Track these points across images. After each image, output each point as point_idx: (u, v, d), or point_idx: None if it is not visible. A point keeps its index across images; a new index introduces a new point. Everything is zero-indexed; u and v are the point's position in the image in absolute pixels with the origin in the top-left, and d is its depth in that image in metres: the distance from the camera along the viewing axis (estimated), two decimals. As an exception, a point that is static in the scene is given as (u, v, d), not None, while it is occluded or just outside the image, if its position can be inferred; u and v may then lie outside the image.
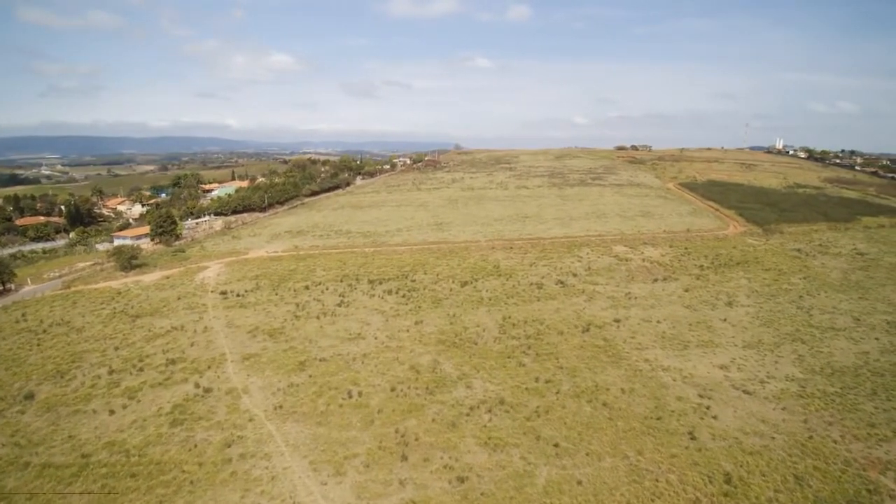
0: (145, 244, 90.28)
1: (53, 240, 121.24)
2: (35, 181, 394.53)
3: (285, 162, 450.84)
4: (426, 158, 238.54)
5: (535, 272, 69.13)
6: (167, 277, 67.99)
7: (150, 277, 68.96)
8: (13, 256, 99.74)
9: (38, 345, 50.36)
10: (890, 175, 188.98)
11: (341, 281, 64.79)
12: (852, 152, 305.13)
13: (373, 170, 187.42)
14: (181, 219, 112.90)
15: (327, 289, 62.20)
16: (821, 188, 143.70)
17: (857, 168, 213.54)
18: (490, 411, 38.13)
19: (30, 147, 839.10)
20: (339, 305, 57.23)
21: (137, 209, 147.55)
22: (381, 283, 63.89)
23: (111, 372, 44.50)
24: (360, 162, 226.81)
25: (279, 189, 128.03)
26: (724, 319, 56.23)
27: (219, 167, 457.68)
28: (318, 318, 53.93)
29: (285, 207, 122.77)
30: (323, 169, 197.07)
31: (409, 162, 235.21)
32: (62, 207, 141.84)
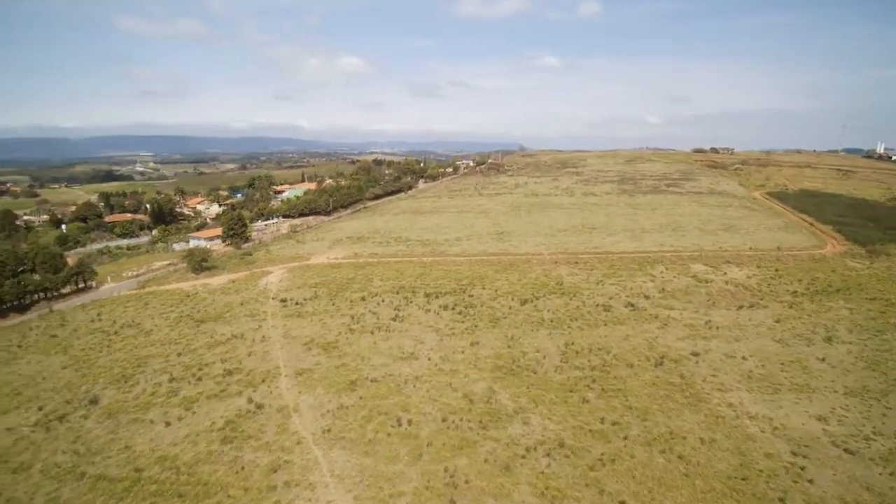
0: (217, 245, 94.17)
1: (138, 236, 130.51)
2: (129, 178, 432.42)
3: (353, 162, 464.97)
4: (489, 161, 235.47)
5: (601, 291, 64.36)
6: (233, 281, 69.86)
7: (217, 280, 71.20)
8: (100, 252, 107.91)
9: (109, 346, 52.80)
10: None
11: (397, 293, 63.45)
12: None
13: (435, 173, 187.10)
14: (252, 220, 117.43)
15: (383, 301, 61.06)
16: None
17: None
18: (548, 455, 34.78)
19: (125, 145, 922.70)
20: (394, 320, 55.79)
21: (215, 209, 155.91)
22: (437, 297, 61.88)
23: (171, 379, 45.50)
24: (423, 165, 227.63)
25: (344, 193, 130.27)
26: (823, 359, 49.04)
27: (292, 167, 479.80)
28: (372, 332, 52.75)
29: (349, 211, 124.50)
30: (387, 172, 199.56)
31: (471, 164, 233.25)
32: (147, 206, 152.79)
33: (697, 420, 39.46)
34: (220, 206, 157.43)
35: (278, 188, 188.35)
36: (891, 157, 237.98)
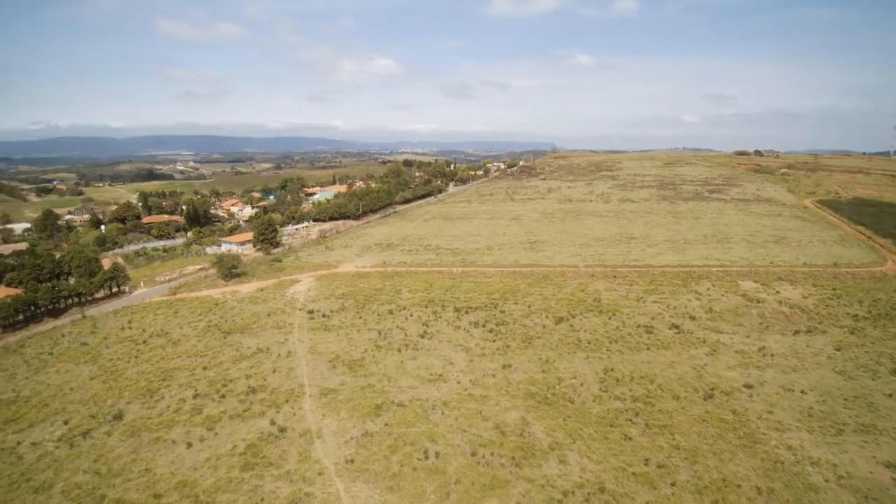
0: (248, 250, 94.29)
1: (173, 238, 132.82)
2: (169, 176, 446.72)
3: (384, 163, 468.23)
4: (520, 164, 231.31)
5: (643, 310, 60.58)
6: (261, 290, 69.19)
7: (246, 288, 70.70)
8: (136, 253, 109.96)
9: (137, 357, 52.51)
10: None
11: (426, 306, 61.32)
12: None
13: (465, 176, 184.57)
14: (283, 224, 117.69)
15: (411, 315, 59.02)
16: None
17: None
18: (587, 501, 31.89)
19: (167, 144, 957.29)
20: (422, 337, 53.65)
21: (248, 211, 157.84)
22: (467, 313, 59.44)
23: (196, 395, 44.58)
24: (454, 168, 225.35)
25: (373, 197, 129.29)
26: (890, 395, 44.29)
27: (325, 167, 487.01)
28: (399, 350, 50.74)
29: (378, 216, 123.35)
30: (417, 174, 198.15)
31: (502, 167, 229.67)
32: (183, 207, 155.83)
33: (753, 465, 35.81)
34: (252, 208, 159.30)
35: (309, 190, 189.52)
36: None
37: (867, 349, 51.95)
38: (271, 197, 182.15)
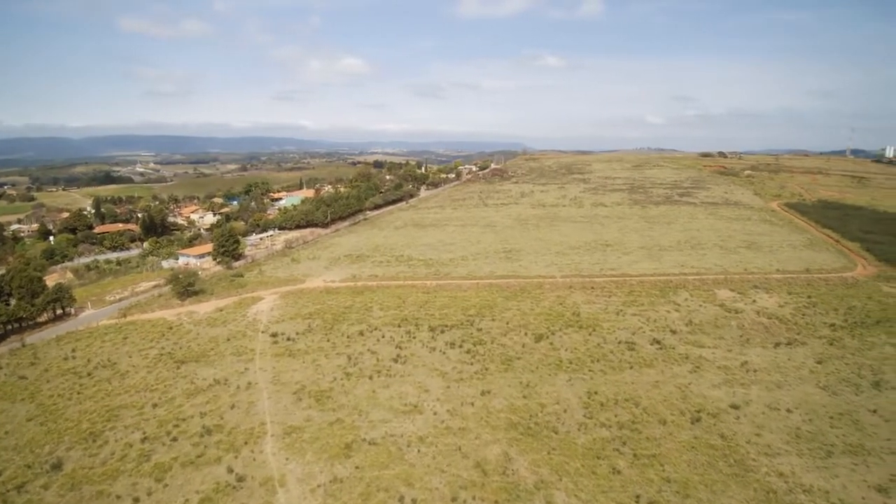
0: (207, 263, 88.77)
1: (128, 249, 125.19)
2: (128, 179, 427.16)
3: (354, 164, 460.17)
4: (492, 166, 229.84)
5: (623, 324, 58.84)
6: (220, 310, 64.41)
7: (204, 308, 65.79)
8: (87, 267, 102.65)
9: (80, 392, 47.38)
10: None
11: (399, 326, 57.97)
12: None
13: (437, 180, 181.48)
14: (246, 233, 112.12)
15: (383, 336, 55.57)
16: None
17: None
18: (579, 552, 29.35)
19: (128, 145, 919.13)
20: (396, 361, 50.30)
21: (209, 218, 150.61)
22: (442, 332, 56.39)
23: (144, 439, 40.07)
24: (425, 170, 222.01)
25: (342, 203, 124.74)
26: (874, 411, 43.57)
27: (292, 168, 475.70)
28: (370, 377, 47.25)
29: (347, 223, 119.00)
30: (388, 177, 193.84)
31: (474, 169, 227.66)
32: (139, 215, 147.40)
33: (746, 496, 34.09)
34: (214, 215, 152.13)
35: (275, 195, 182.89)
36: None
37: (847, 361, 51.46)
38: (234, 203, 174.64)
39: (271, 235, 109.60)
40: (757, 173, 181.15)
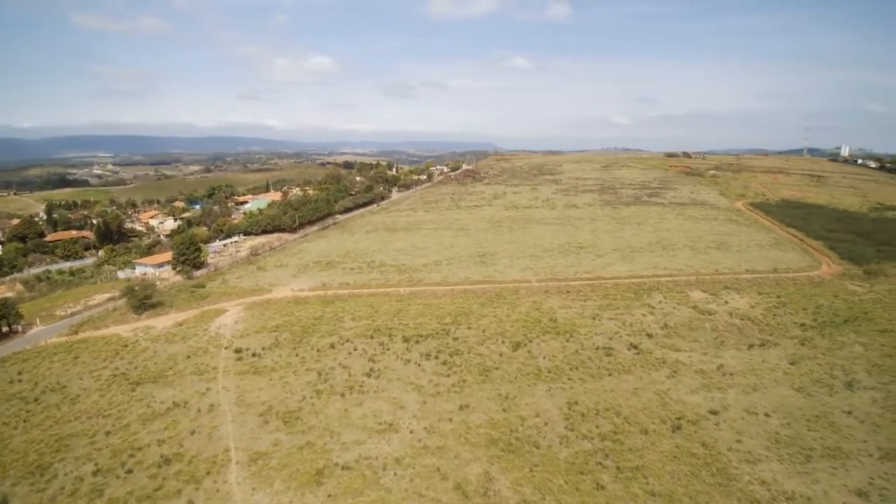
0: (167, 273, 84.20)
1: (82, 258, 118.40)
2: (84, 182, 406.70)
3: (323, 164, 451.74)
4: (464, 167, 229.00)
5: (600, 329, 58.21)
6: (180, 324, 60.68)
7: (162, 322, 61.92)
8: (38, 278, 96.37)
9: (26, 420, 43.41)
10: None
11: (372, 337, 55.71)
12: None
13: (409, 181, 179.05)
14: (209, 240, 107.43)
15: (356, 348, 53.22)
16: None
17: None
18: (566, 579, 27.98)
19: (84, 145, 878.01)
20: (369, 375, 48.09)
21: (170, 224, 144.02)
22: (417, 342, 54.45)
23: (96, 471, 36.73)
24: (396, 172, 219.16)
25: (311, 207, 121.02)
26: (849, 412, 44.02)
27: (259, 169, 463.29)
28: (342, 395, 44.91)
29: (316, 228, 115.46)
30: (358, 179, 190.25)
31: (446, 170, 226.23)
32: (94, 221, 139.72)
33: (732, 508, 33.47)
34: (175, 220, 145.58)
35: (240, 199, 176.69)
36: (856, 161, 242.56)
37: (819, 362, 52.08)
38: (197, 207, 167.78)
39: (236, 241, 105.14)
40: (721, 173, 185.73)
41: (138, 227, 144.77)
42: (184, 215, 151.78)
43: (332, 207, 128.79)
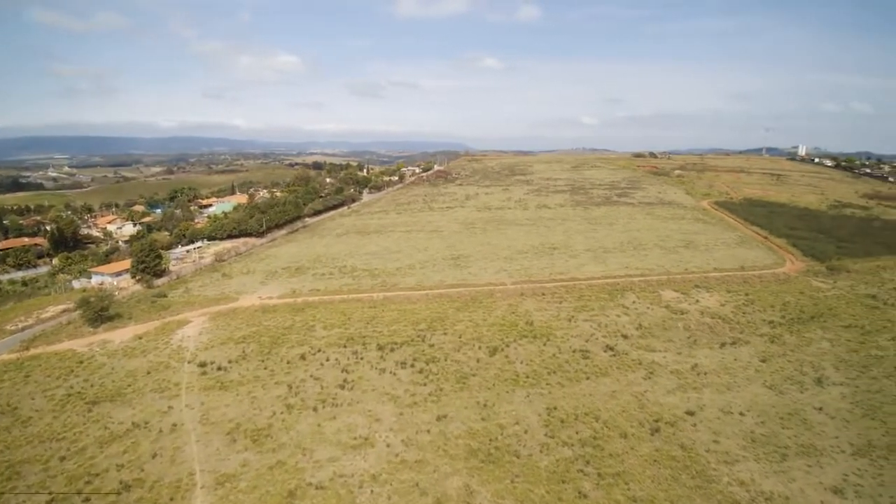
0: (126, 282, 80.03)
1: (36, 266, 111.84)
2: (38, 186, 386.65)
3: (291, 165, 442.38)
4: (435, 168, 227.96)
5: (576, 331, 58.02)
6: (140, 337, 57.44)
7: (120, 336, 58.49)
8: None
9: (-31, 448, 39.94)
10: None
11: (345, 346, 53.95)
12: (869, 156, 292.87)
13: (380, 183, 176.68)
14: (171, 246, 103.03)
15: (328, 359, 51.35)
16: (867, 208, 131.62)
17: (891, 180, 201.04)
18: None
19: (41, 147, 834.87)
20: (342, 387, 46.36)
21: (129, 229, 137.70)
22: (392, 350, 53.00)
23: (51, 501, 34.05)
24: (366, 173, 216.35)
25: (279, 210, 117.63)
26: (820, 409, 44.98)
27: (224, 170, 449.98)
28: (314, 409, 43.06)
29: (285, 231, 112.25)
30: (328, 181, 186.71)
31: (417, 171, 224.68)
32: (48, 227, 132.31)
33: (712, 511, 33.40)
34: (135, 225, 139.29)
35: (204, 202, 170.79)
36: (813, 160, 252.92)
37: (789, 358, 53.16)
38: (158, 210, 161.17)
39: (199, 247, 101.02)
40: (686, 173, 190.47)
41: (95, 233, 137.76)
42: (144, 220, 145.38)
43: (301, 210, 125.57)
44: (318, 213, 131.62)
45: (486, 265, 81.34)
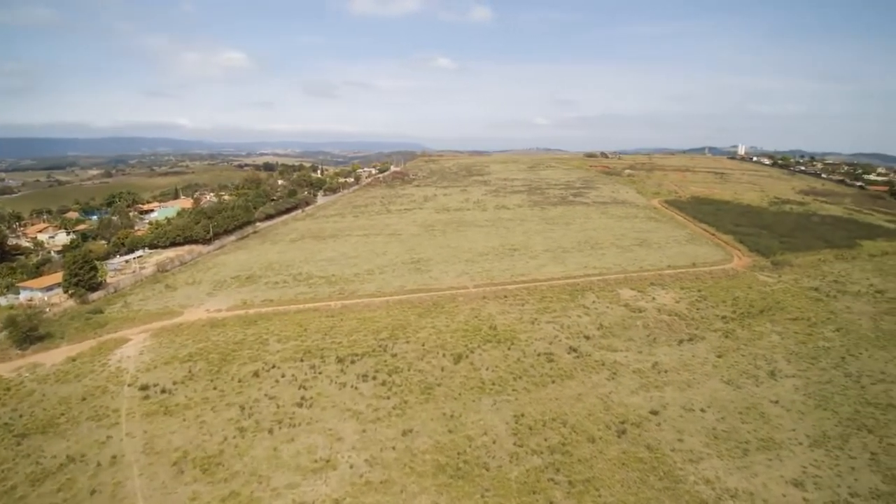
0: (58, 297, 73.39)
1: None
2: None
3: (241, 167, 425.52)
4: (392, 168, 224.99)
5: (539, 333, 57.70)
6: (73, 359, 52.46)
7: (52, 358, 53.25)
8: None
9: None
10: (858, 184, 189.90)
11: (302, 360, 51.22)
12: (802, 154, 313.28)
13: (335, 185, 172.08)
14: (108, 256, 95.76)
15: (283, 375, 48.52)
16: (803, 203, 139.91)
17: (823, 176, 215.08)
18: None
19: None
20: (300, 405, 43.79)
21: (62, 238, 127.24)
22: (353, 362, 50.77)
23: (-41, 557, 29.92)
24: (321, 174, 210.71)
25: (227, 215, 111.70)
26: (776, 401, 46.54)
27: (167, 173, 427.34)
28: (270, 431, 40.33)
29: (234, 237, 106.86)
30: (280, 182, 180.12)
31: (374, 172, 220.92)
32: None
33: (681, 512, 33.45)
34: (68, 233, 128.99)
35: (145, 207, 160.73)
36: (752, 158, 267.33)
37: (743, 353, 54.85)
38: (94, 217, 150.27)
39: (140, 257, 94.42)
40: (636, 172, 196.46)
41: (25, 243, 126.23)
42: (79, 228, 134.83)
43: (251, 215, 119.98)
44: (270, 217, 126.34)
45: (448, 268, 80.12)
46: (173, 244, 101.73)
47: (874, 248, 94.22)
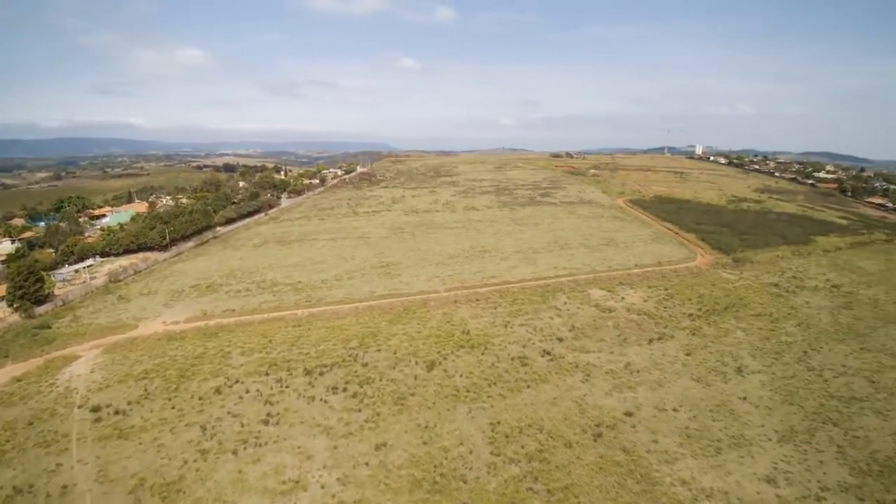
0: (0, 312, 68.20)
1: None
2: None
3: (200, 168, 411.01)
4: (359, 169, 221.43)
5: (513, 337, 57.16)
6: (18, 380, 48.47)
7: (-10, 379, 49.11)
8: None
9: None
10: (809, 182, 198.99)
11: (267, 373, 48.92)
12: (755, 153, 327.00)
13: (300, 187, 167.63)
14: (56, 265, 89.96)
15: (248, 390, 46.16)
16: (760, 201, 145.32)
17: (776, 174, 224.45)
18: None
19: None
20: (266, 423, 41.65)
21: (6, 247, 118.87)
22: (321, 374, 48.84)
23: None
24: (285, 176, 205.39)
25: (186, 219, 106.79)
26: (745, 398, 47.44)
27: (121, 175, 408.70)
28: (234, 452, 38.10)
29: (193, 243, 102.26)
30: (241, 185, 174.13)
31: (339, 173, 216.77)
32: None
33: (659, 516, 33.34)
34: (13, 242, 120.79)
35: (96, 212, 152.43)
36: (709, 158, 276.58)
37: (711, 350, 55.84)
38: (41, 224, 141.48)
39: (90, 266, 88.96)
40: (600, 172, 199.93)
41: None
42: (24, 235, 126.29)
43: (211, 219, 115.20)
44: (231, 221, 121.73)
45: (418, 272, 78.79)
46: (127, 252, 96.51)
47: (828, 244, 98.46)
